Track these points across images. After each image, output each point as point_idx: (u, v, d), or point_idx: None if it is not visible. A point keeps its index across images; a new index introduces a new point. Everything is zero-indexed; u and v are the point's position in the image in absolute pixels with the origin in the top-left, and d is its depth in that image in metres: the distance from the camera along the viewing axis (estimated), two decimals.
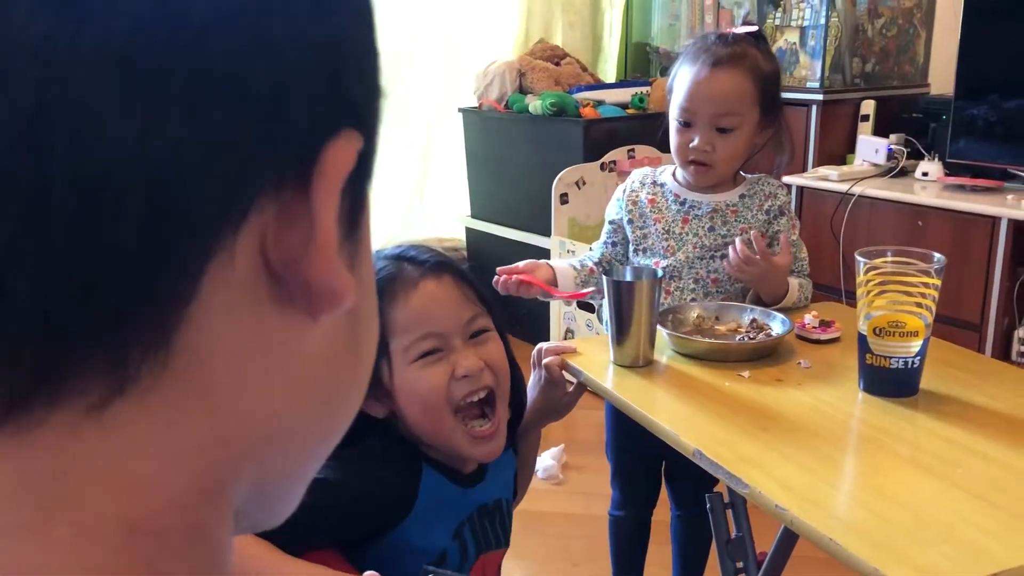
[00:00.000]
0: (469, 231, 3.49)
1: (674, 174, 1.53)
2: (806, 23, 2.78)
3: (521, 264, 1.42)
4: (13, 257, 0.20)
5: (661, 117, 1.56)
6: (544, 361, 1.23)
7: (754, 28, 1.49)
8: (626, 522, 1.66)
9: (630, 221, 1.52)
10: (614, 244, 1.55)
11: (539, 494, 2.23)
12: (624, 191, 1.55)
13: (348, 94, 0.25)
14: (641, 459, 1.61)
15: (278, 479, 0.29)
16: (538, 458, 2.25)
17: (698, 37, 1.50)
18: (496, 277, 1.38)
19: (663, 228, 1.50)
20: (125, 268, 0.21)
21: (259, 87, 0.23)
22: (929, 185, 2.48)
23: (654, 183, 1.54)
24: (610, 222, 1.56)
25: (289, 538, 0.85)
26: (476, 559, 0.98)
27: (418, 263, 0.95)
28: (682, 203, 1.51)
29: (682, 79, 1.46)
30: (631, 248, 1.54)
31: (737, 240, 1.41)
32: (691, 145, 1.45)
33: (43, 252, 0.21)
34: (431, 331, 0.93)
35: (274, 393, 0.26)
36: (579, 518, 1.59)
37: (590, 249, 1.58)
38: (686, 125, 1.45)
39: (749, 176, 1.54)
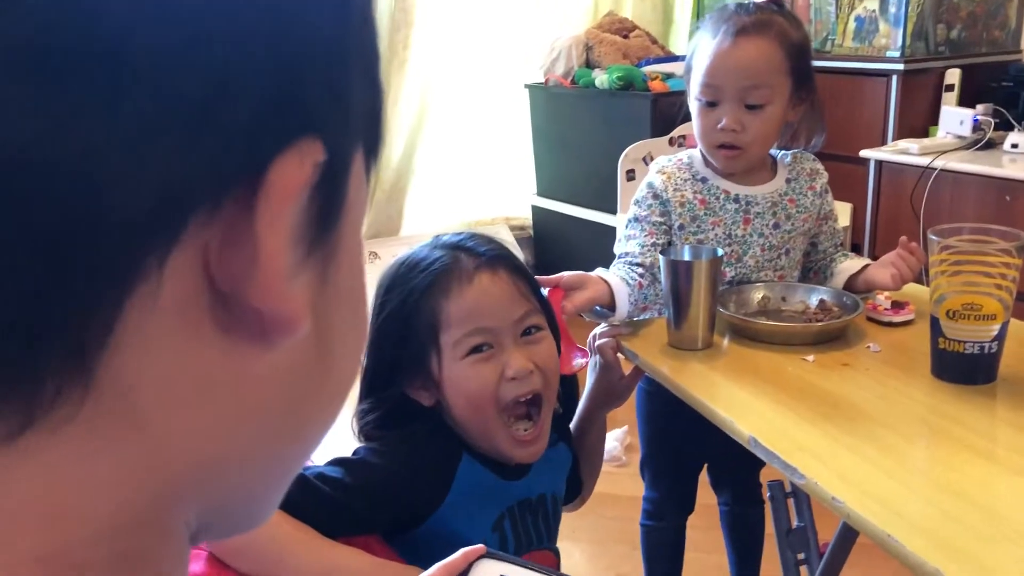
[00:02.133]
0: (535, 209, 3.46)
1: (707, 163, 1.37)
2: None
3: (566, 275, 1.22)
4: None
5: None
6: (596, 344, 1.20)
7: None
8: (662, 532, 1.53)
9: (681, 227, 1.34)
10: (663, 248, 1.34)
11: (600, 476, 2.20)
12: (662, 189, 1.35)
13: (306, 101, 0.23)
14: (680, 466, 1.51)
15: (238, 500, 0.27)
16: None
17: (716, 9, 1.36)
18: None
19: (723, 232, 1.34)
20: (26, 299, 0.19)
21: (188, 90, 0.20)
22: (1019, 158, 2.35)
23: (693, 178, 1.36)
24: (653, 223, 1.34)
25: (327, 522, 0.85)
26: (519, 556, 0.97)
27: (475, 255, 0.94)
28: (736, 200, 1.35)
29: (702, 53, 1.31)
30: None
31: (897, 253, 1.32)
32: (719, 126, 1.30)
33: None
34: (481, 326, 0.92)
35: (218, 420, 0.24)
36: (640, 501, 1.56)
37: (624, 253, 1.35)
38: (710, 105, 1.31)
39: (782, 155, 1.42)
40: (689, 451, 1.49)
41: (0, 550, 0.21)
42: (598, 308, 1.27)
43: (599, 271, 1.30)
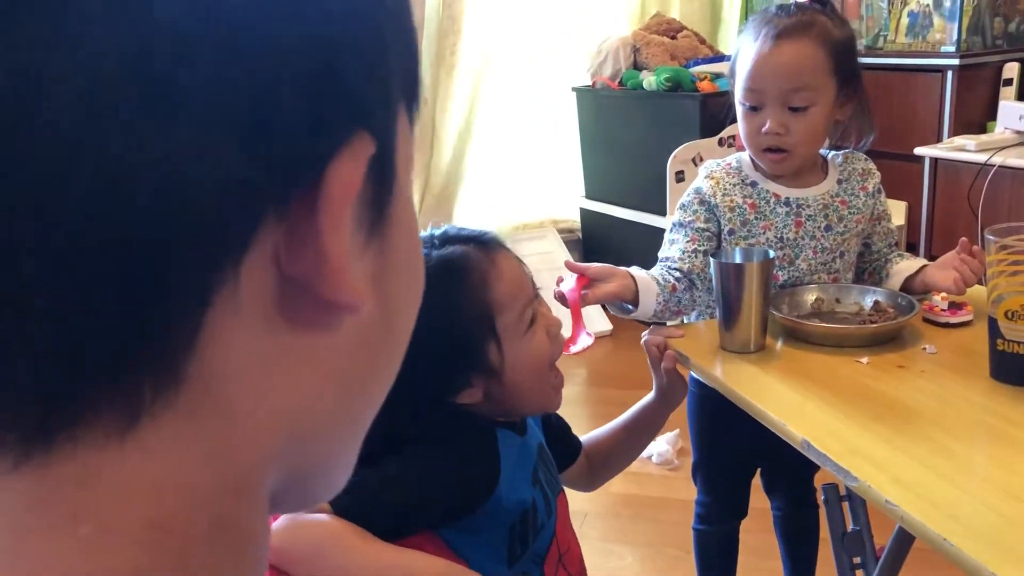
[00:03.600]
0: (584, 212, 3.46)
1: (756, 167, 1.36)
2: None
3: (594, 266, 1.25)
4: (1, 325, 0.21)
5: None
6: (642, 341, 1.20)
7: None
8: (714, 537, 1.52)
9: (731, 231, 1.33)
10: (705, 253, 1.33)
11: (653, 479, 2.20)
12: (710, 195, 1.34)
13: (353, 98, 0.24)
14: (732, 471, 1.49)
15: (314, 465, 0.29)
16: (653, 443, 2.23)
17: (758, 12, 1.34)
18: (558, 278, 1.24)
19: (774, 236, 1.33)
20: (113, 324, 0.21)
21: (234, 102, 0.21)
22: None
23: (743, 182, 1.35)
24: (696, 229, 1.34)
25: (391, 517, 0.87)
26: (556, 505, 0.99)
27: (483, 243, 0.96)
28: (787, 203, 1.34)
29: (744, 57, 1.31)
30: None
31: (958, 256, 1.30)
32: (763, 130, 1.30)
33: (23, 319, 0.21)
34: (528, 297, 0.96)
35: (297, 395, 0.26)
36: (693, 505, 1.56)
37: (665, 258, 1.35)
38: (754, 109, 1.31)
39: (832, 155, 1.40)
40: (741, 455, 1.48)
41: (115, 520, 0.23)
42: (622, 304, 1.27)
43: (633, 268, 1.30)
